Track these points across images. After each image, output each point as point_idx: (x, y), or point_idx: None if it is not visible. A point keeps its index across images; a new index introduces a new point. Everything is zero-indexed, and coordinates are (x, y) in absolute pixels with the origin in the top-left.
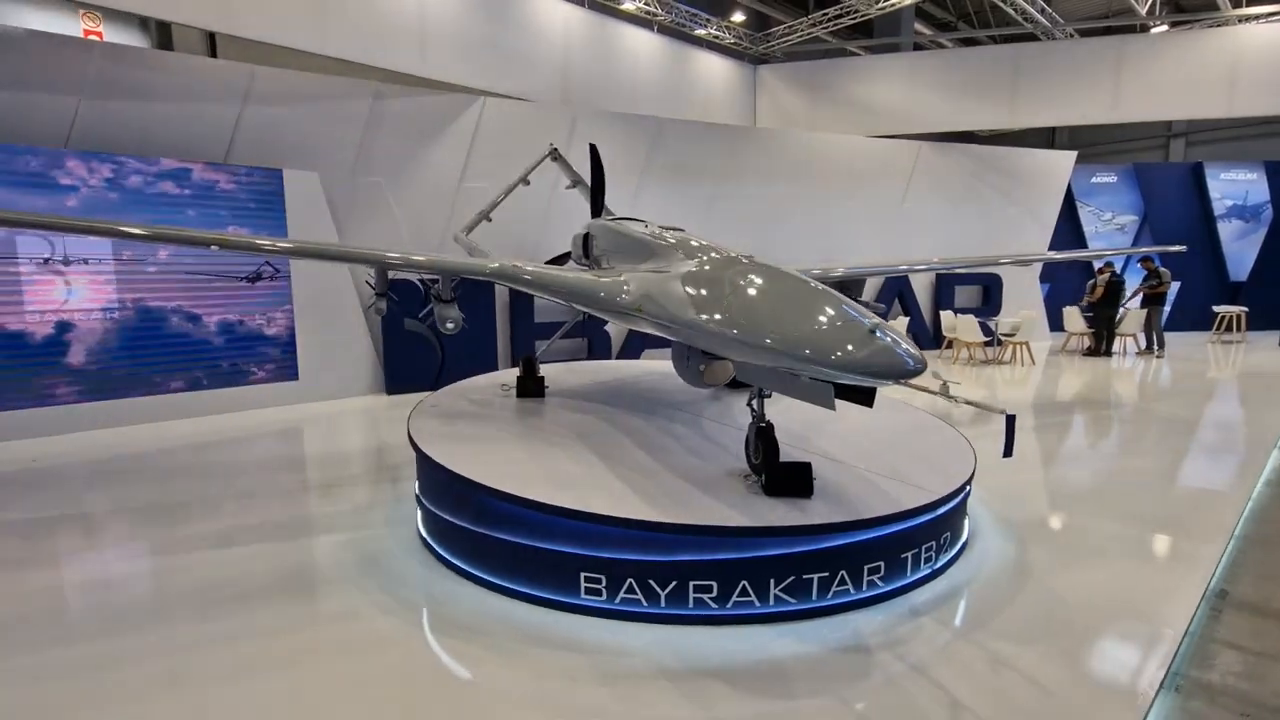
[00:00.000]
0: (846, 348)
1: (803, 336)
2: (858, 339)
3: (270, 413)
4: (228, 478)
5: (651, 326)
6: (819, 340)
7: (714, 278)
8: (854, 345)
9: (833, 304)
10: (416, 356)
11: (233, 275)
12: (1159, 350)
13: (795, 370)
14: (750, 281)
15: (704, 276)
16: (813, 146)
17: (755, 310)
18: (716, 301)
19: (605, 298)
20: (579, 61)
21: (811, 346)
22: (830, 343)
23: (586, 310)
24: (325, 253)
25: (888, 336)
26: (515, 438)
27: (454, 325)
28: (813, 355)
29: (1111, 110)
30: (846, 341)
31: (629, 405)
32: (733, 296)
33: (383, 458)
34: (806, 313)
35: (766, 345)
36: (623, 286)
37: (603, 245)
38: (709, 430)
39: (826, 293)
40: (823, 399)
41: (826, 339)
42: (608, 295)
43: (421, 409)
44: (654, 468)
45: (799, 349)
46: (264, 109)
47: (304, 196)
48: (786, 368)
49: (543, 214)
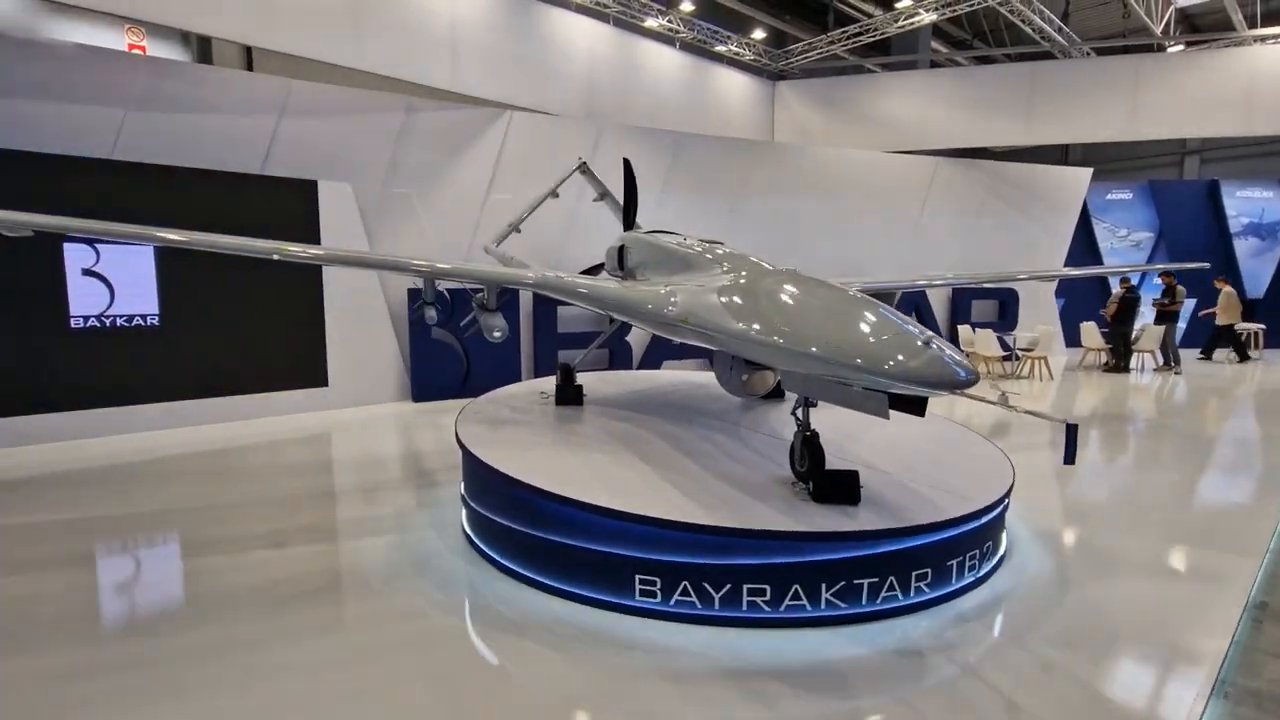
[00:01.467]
0: (900, 358)
1: (857, 347)
2: (912, 350)
3: (300, 418)
4: (270, 480)
5: (696, 338)
6: (873, 351)
7: (762, 290)
8: (908, 356)
9: (885, 316)
10: (443, 365)
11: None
12: (1175, 367)
13: (848, 380)
14: (800, 293)
15: (752, 288)
16: (831, 161)
17: (807, 321)
18: (766, 313)
19: (653, 310)
20: (603, 77)
21: (865, 357)
22: (885, 353)
23: (630, 321)
24: (381, 263)
25: (942, 348)
26: (562, 443)
27: (500, 334)
28: (867, 365)
29: (1129, 128)
30: (901, 352)
31: (667, 413)
32: (783, 308)
33: (418, 463)
34: (859, 324)
35: (818, 355)
36: (669, 299)
37: (638, 257)
38: (748, 438)
39: (877, 305)
40: (876, 408)
41: (881, 350)
42: (655, 307)
43: (466, 415)
44: (701, 474)
45: (853, 359)
46: (300, 121)
47: (338, 207)
48: (838, 377)
49: (565, 225)
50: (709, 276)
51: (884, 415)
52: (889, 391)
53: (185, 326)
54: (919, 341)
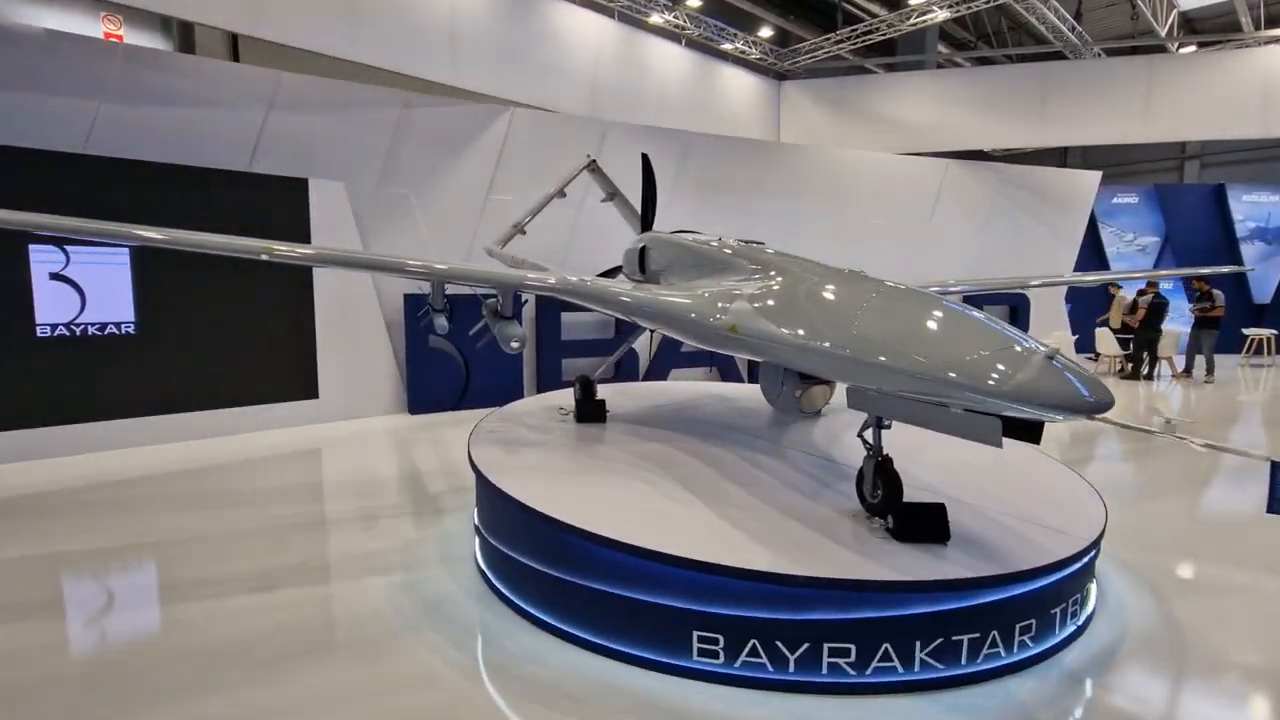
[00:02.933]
0: (1007, 372)
1: (949, 358)
2: (1021, 363)
3: (289, 433)
4: (255, 507)
5: (744, 349)
6: (971, 363)
7: (825, 294)
8: (1016, 370)
9: (984, 322)
10: (440, 375)
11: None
12: (1207, 375)
13: (947, 400)
14: (872, 297)
15: (812, 292)
16: (840, 163)
17: (883, 328)
18: (831, 320)
19: (697, 319)
20: (607, 74)
21: (961, 370)
22: (986, 366)
23: (667, 332)
24: (386, 264)
25: (1063, 362)
26: (591, 468)
27: (519, 344)
28: (963, 380)
29: (1143, 130)
30: (1007, 365)
31: (699, 431)
32: (852, 314)
33: (420, 484)
34: (951, 331)
35: (900, 368)
36: (716, 306)
37: (664, 260)
38: (797, 460)
39: (969, 309)
40: (987, 434)
41: (980, 362)
42: (701, 316)
43: (479, 435)
44: (756, 505)
45: (944, 372)
46: (289, 116)
47: (330, 207)
48: (934, 397)
49: (570, 227)
50: (755, 280)
51: (995, 443)
52: (1001, 415)
53: (164, 335)
54: (1030, 353)
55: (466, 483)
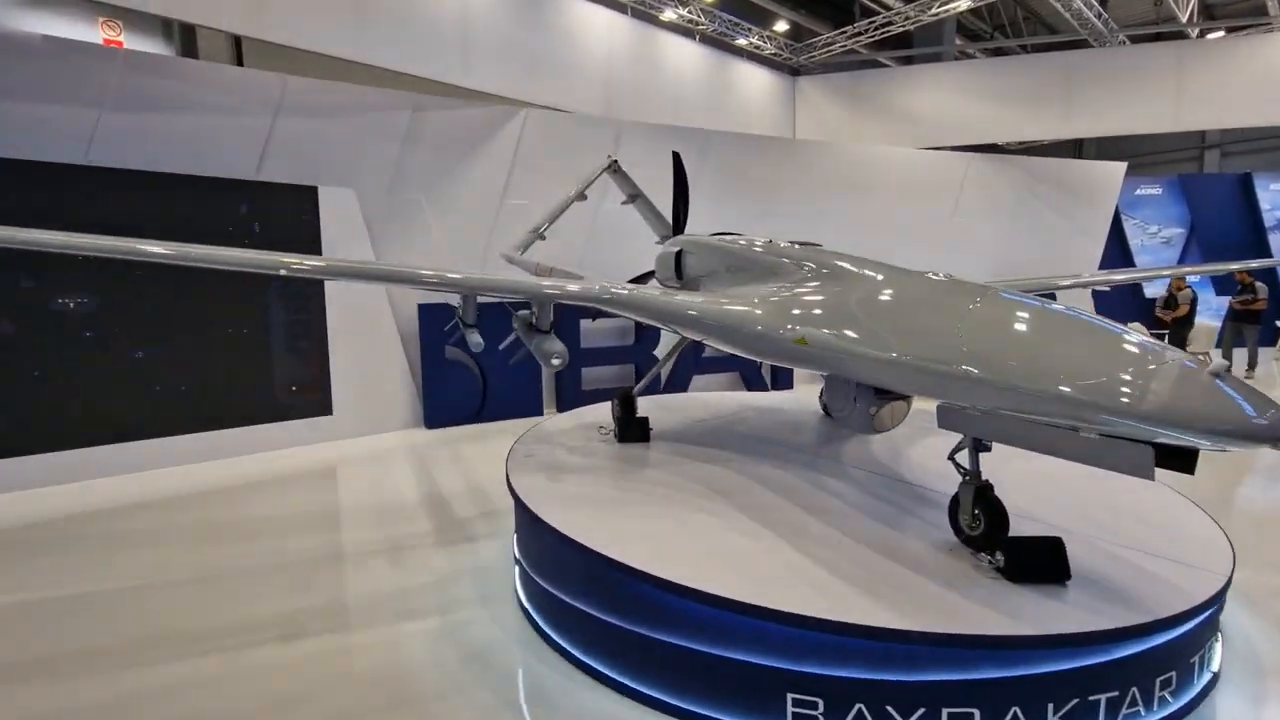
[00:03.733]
0: (1149, 388)
1: (1104, 379)
2: (1167, 377)
3: (302, 453)
4: (271, 538)
5: (812, 363)
6: (1132, 385)
7: (924, 303)
8: (1160, 385)
9: (1134, 338)
10: (457, 388)
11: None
12: (1249, 370)
13: (1082, 424)
14: (992, 307)
15: (905, 301)
16: (860, 159)
17: (1015, 344)
18: (939, 333)
19: (763, 332)
20: (622, 72)
21: (1119, 392)
22: (1121, 381)
23: (723, 345)
24: (414, 277)
25: (1221, 377)
26: (645, 497)
27: (560, 360)
28: (1086, 397)
29: (1173, 119)
30: (1149, 380)
31: (754, 449)
32: (969, 326)
33: (446, 507)
34: (1099, 348)
35: (1042, 390)
36: (783, 316)
37: (705, 264)
38: (867, 482)
39: (1111, 323)
40: (1132, 463)
41: (1143, 383)
42: (768, 328)
43: (517, 460)
44: (839, 540)
45: (1099, 395)
46: (297, 121)
47: (340, 215)
48: (1063, 420)
49: (587, 230)
50: (821, 286)
51: (1145, 474)
52: (1154, 442)
53: (162, 348)
54: (1208, 374)
55: (495, 505)
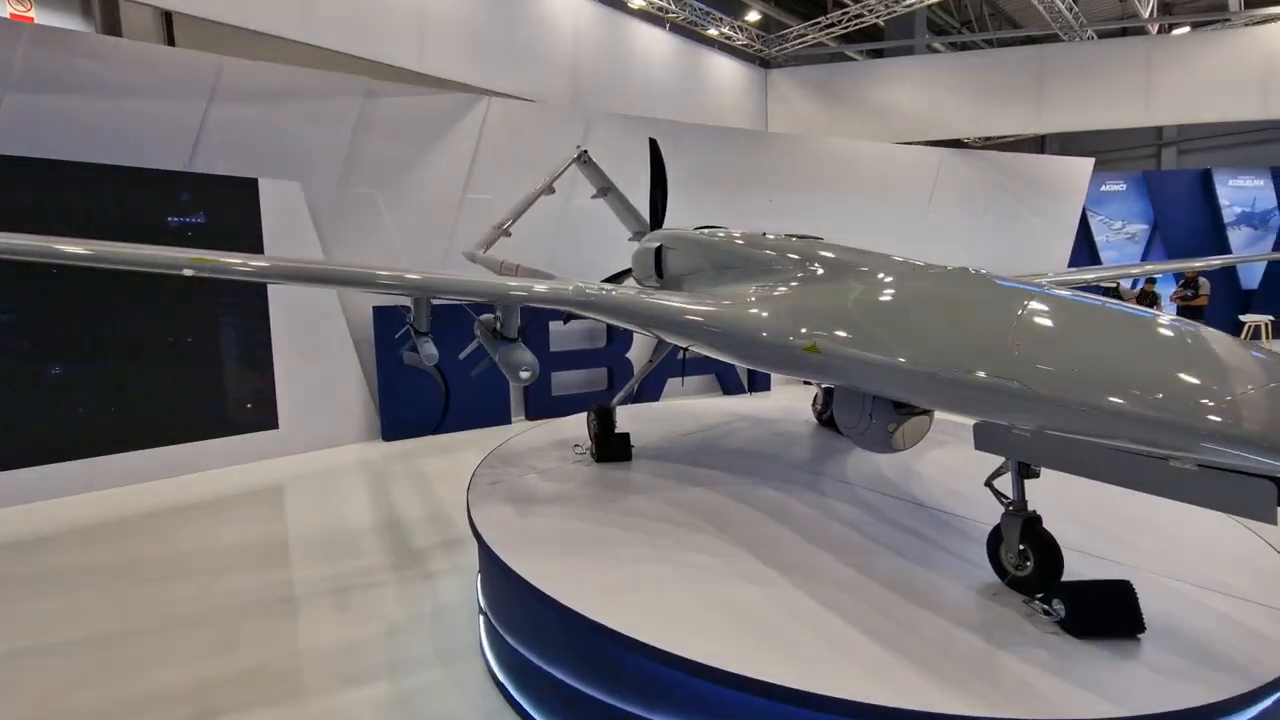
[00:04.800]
0: (1243, 406)
1: (1220, 398)
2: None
3: (244, 472)
4: (197, 579)
5: (823, 374)
6: (1257, 406)
7: (963, 305)
8: (1256, 403)
9: (1240, 350)
10: (417, 396)
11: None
12: None
13: (1180, 451)
14: (1050, 309)
15: (938, 303)
16: (834, 153)
17: (1086, 354)
18: (985, 340)
19: (770, 339)
20: (589, 60)
21: (1240, 416)
22: (1203, 395)
23: (722, 354)
24: (352, 278)
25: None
26: (632, 534)
27: (529, 373)
28: (1241, 431)
29: (1144, 114)
30: (1242, 396)
31: (749, 469)
32: (1022, 332)
33: (402, 535)
34: (1195, 361)
35: (1127, 410)
36: (795, 321)
37: (688, 261)
38: (880, 505)
39: (1207, 330)
40: (1249, 503)
41: (1270, 404)
42: (774, 335)
43: (479, 488)
44: (861, 584)
45: (1209, 419)
46: (235, 108)
47: (284, 210)
48: (1153, 446)
49: (554, 226)
50: (828, 285)
51: (1265, 517)
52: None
53: (85, 361)
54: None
55: (457, 532)
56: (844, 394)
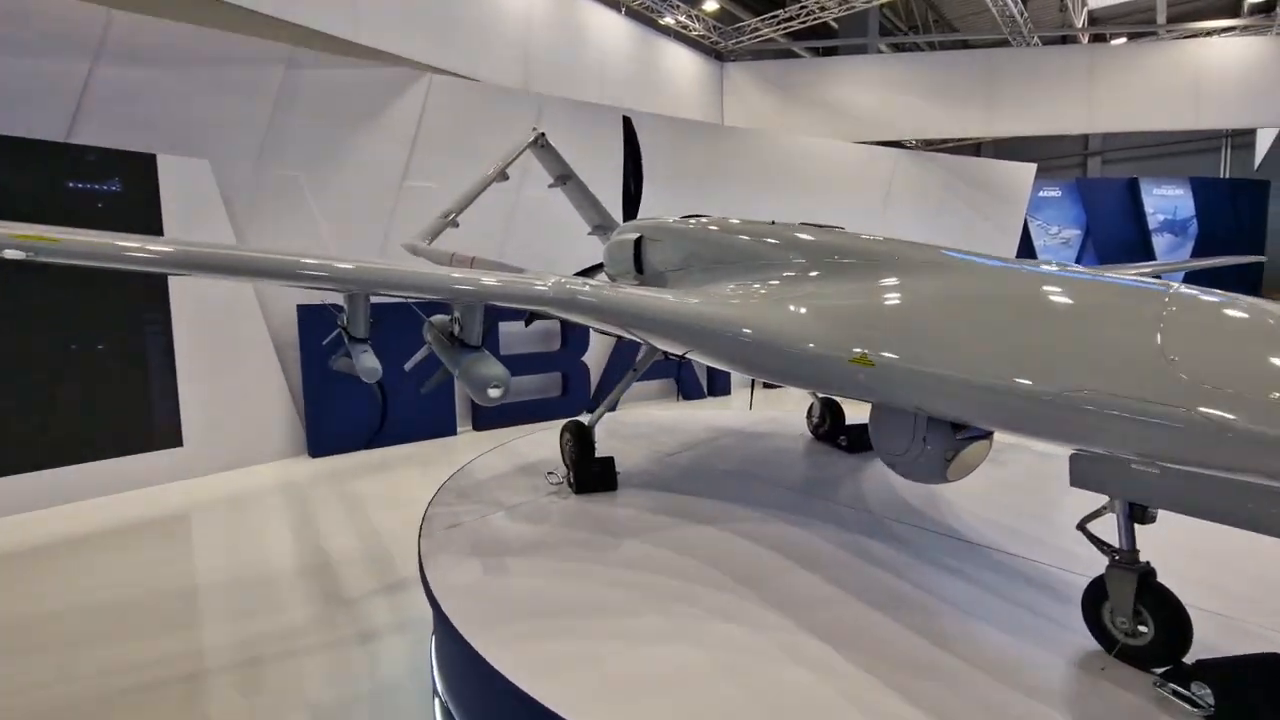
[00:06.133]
0: None
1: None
2: None
3: (139, 499)
4: (59, 650)
5: (876, 390)
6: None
7: (1078, 308)
8: None
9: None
10: (349, 406)
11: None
12: None
13: None
14: (1199, 312)
15: (1038, 306)
16: (794, 150)
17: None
18: (1130, 350)
19: (816, 351)
20: (541, 41)
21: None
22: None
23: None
24: (287, 269)
25: None
26: (640, 601)
27: (500, 389)
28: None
29: (1087, 120)
30: None
31: (758, 499)
32: (1175, 341)
33: (332, 581)
34: None
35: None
36: (833, 324)
37: (675, 255)
38: (932, 549)
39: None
40: None
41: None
42: (823, 347)
43: (435, 537)
44: (941, 662)
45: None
46: (125, 70)
47: (188, 192)
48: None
49: (505, 217)
50: (867, 284)
51: None
52: None
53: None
54: None
55: (399, 573)
56: (888, 414)
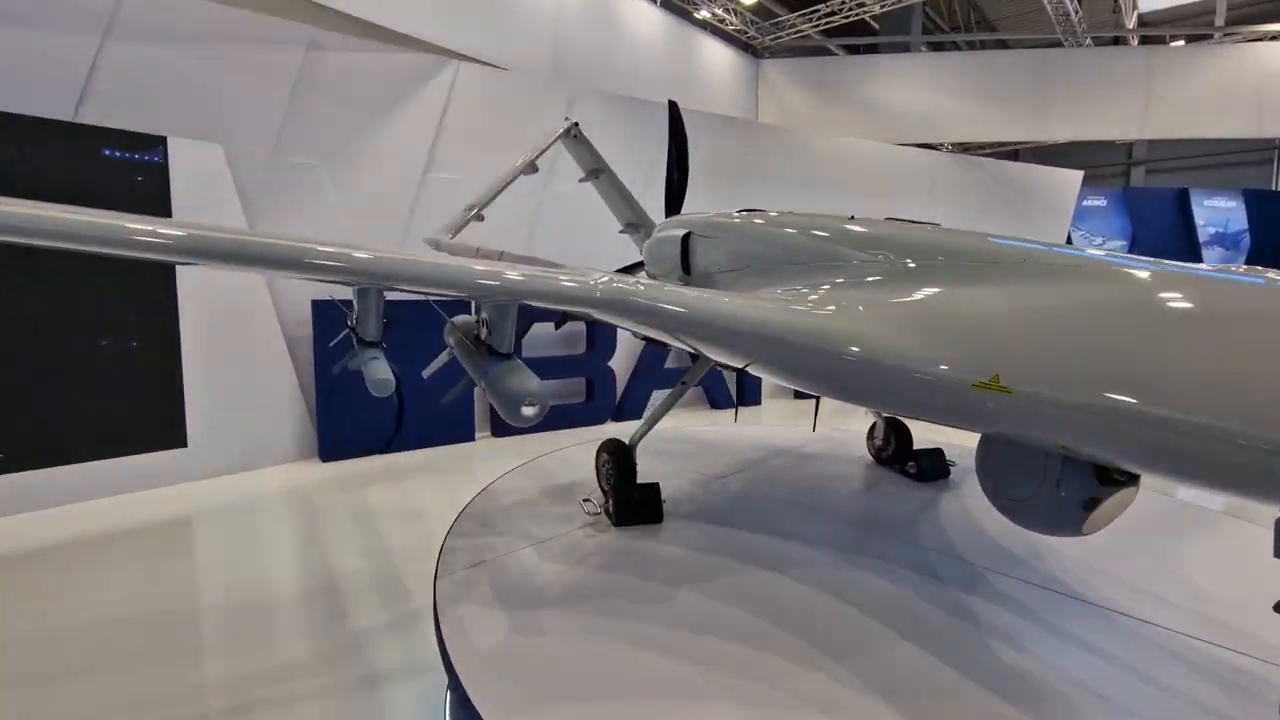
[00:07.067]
0: None
1: None
2: None
3: (138, 503)
4: (27, 687)
5: (1004, 421)
6: None
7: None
8: None
9: None
10: (364, 408)
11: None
12: None
13: None
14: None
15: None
16: (832, 150)
17: None
18: None
19: (950, 374)
20: (572, 31)
21: None
22: None
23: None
24: (297, 258)
25: None
26: (708, 679)
27: (536, 407)
28: None
29: (1141, 126)
30: None
31: (822, 537)
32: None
33: (335, 611)
34: None
35: None
36: (953, 340)
37: (731, 253)
38: (1043, 607)
39: None
40: None
41: None
42: (938, 366)
43: (454, 580)
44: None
45: None
46: (136, 47)
47: (200, 178)
48: None
49: (532, 211)
50: (974, 290)
51: None
52: None
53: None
54: None
55: (411, 602)
56: (1008, 450)
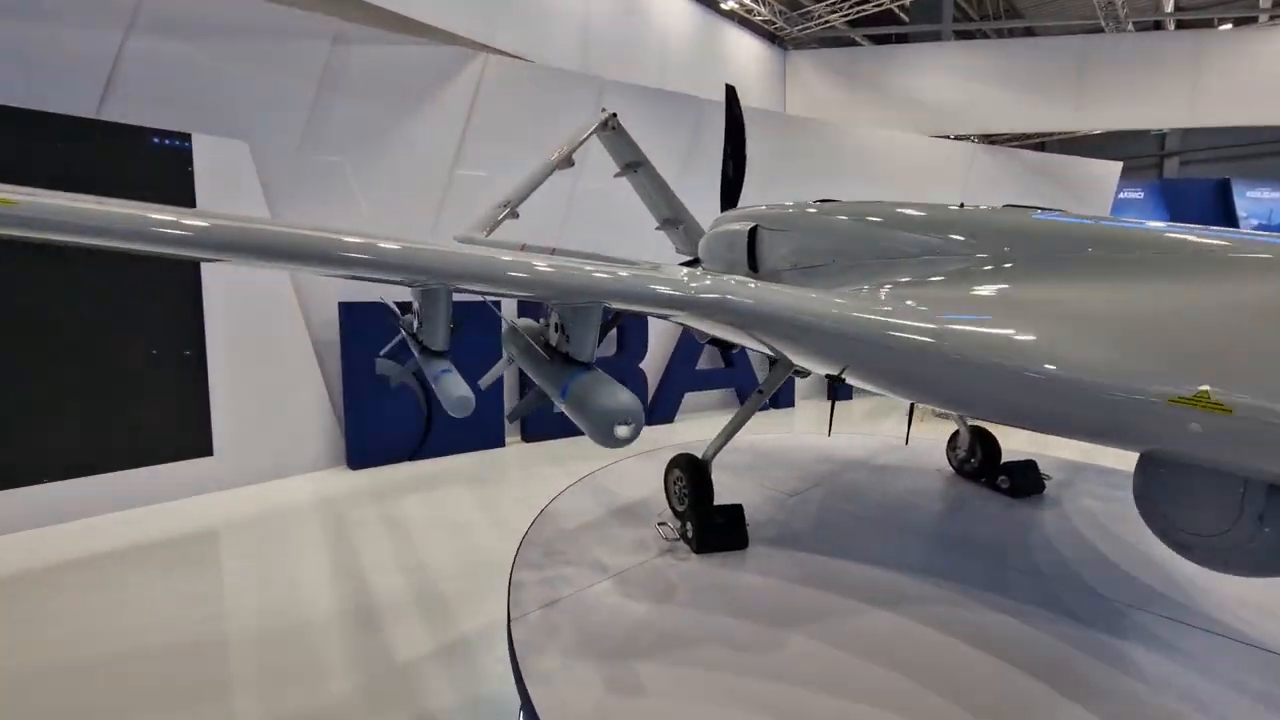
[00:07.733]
0: None
1: None
2: None
3: (162, 514)
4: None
5: (1220, 444)
6: None
7: None
8: None
9: None
10: (392, 415)
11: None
12: None
13: None
14: None
15: None
16: (864, 142)
17: None
18: None
19: (1120, 386)
20: (601, 21)
21: None
22: None
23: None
24: (330, 250)
25: None
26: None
27: (629, 428)
28: None
29: (1189, 115)
30: None
31: (931, 567)
32: None
33: (373, 634)
34: None
35: None
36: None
37: (807, 248)
38: (1201, 652)
39: None
40: None
41: None
42: (1128, 378)
43: (530, 621)
44: None
45: None
46: (160, 42)
47: (224, 174)
48: None
49: (564, 203)
50: (1153, 288)
51: None
52: None
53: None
54: None
55: (457, 626)
56: (1192, 477)
